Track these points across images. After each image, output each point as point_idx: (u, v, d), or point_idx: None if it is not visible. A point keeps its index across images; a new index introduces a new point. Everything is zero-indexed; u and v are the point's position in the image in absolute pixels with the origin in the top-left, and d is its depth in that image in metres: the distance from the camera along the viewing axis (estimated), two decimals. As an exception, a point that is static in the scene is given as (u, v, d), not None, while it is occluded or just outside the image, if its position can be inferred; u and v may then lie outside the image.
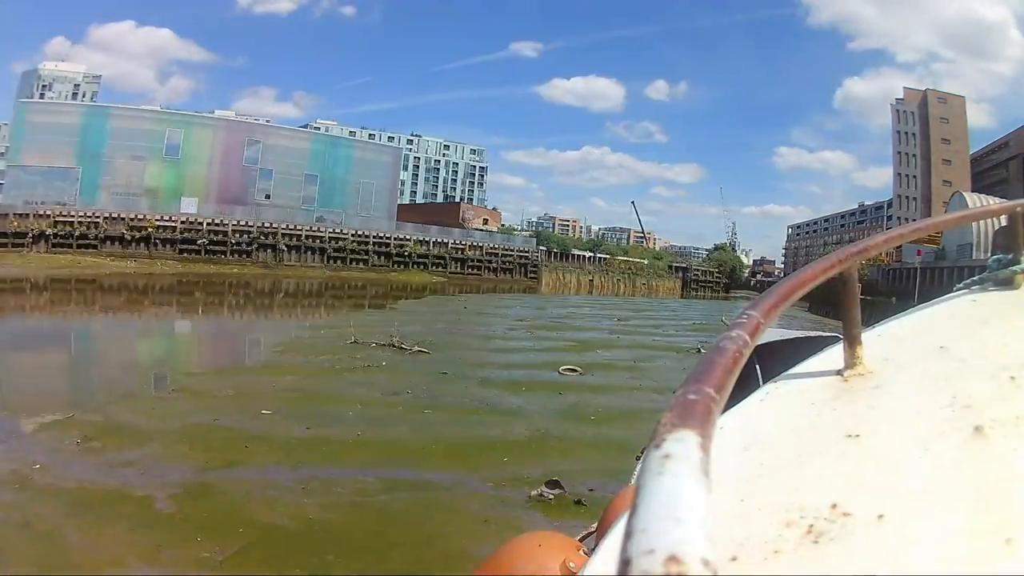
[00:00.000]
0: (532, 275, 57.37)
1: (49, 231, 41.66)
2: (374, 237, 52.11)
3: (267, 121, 63.73)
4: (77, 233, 42.33)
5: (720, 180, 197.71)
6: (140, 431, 6.54)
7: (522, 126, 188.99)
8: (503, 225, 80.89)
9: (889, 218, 65.95)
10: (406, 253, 52.33)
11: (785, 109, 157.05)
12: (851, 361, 0.83)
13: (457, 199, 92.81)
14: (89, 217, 43.58)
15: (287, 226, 49.06)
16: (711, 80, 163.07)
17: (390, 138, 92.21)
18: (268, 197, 55.44)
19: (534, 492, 5.25)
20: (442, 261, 53.72)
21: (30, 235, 40.78)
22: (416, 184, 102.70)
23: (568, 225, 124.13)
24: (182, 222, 45.94)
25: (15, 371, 10.35)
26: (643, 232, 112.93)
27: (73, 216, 43.30)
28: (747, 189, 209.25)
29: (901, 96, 66.70)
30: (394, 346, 12.62)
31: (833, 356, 0.89)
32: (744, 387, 0.72)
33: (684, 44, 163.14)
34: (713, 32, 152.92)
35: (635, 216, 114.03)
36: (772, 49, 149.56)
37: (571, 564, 0.89)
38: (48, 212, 42.77)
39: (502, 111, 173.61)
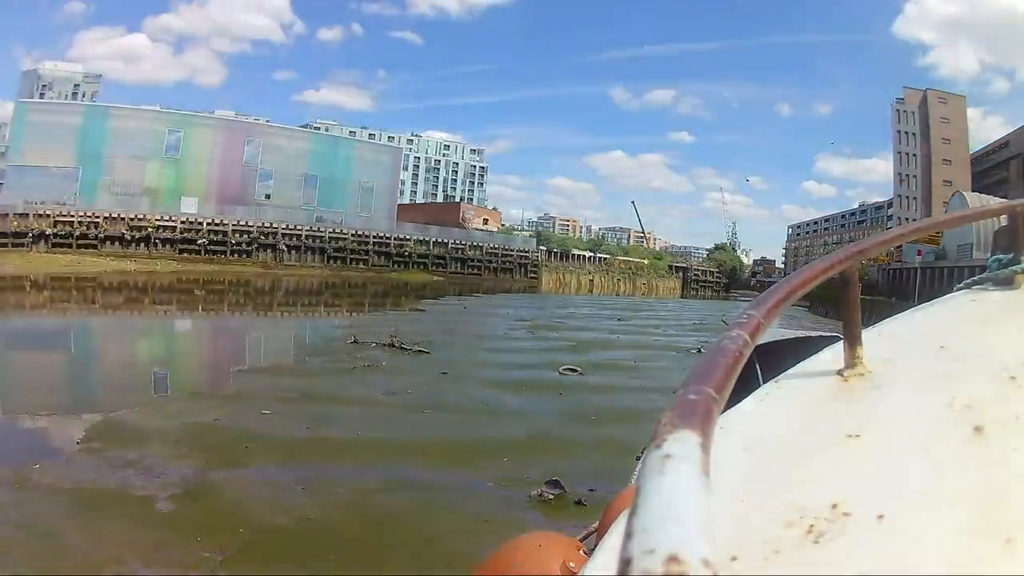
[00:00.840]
0: (532, 275, 57.36)
1: (49, 231, 41.66)
2: (374, 237, 52.11)
3: (267, 121, 63.67)
4: (77, 233, 42.34)
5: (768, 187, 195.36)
6: (140, 431, 6.53)
7: (600, 127, 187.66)
8: (503, 225, 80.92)
9: (889, 218, 65.92)
10: (406, 253, 52.33)
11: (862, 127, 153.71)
12: (851, 361, 0.83)
13: (457, 199, 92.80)
14: (89, 217, 43.60)
15: (287, 226, 49.08)
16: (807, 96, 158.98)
17: (390, 138, 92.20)
18: (268, 197, 55.42)
19: (534, 492, 5.25)
20: (442, 261, 53.73)
21: (30, 235, 40.80)
22: (416, 184, 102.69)
23: (568, 225, 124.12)
24: (182, 222, 45.97)
25: (13, 370, 10.34)
26: (643, 232, 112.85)
27: (73, 216, 43.31)
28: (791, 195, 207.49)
29: (902, 96, 66.71)
30: (394, 346, 12.61)
31: (833, 356, 0.89)
32: (744, 387, 0.72)
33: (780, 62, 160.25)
34: (812, 51, 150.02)
35: (635, 216, 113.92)
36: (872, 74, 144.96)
37: (571, 564, 0.89)
38: (48, 212, 42.77)
39: (581, 111, 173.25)
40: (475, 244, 57.29)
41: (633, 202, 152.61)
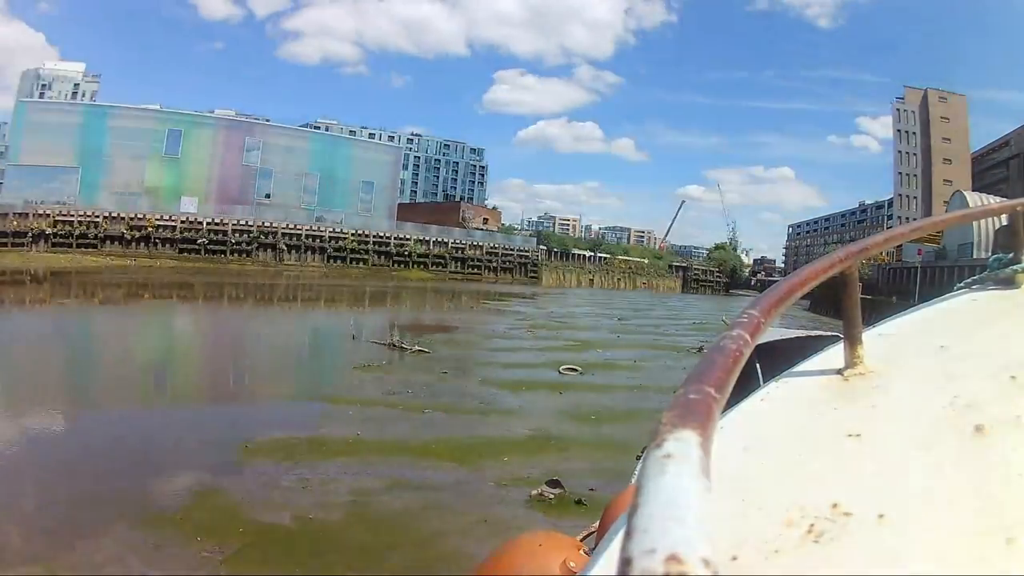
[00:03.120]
0: (532, 274, 57.38)
1: (49, 231, 41.67)
2: (374, 236, 52.11)
3: (267, 120, 63.64)
4: (77, 232, 42.35)
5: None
6: (139, 430, 6.54)
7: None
8: (503, 224, 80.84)
9: (889, 217, 65.93)
10: (406, 252, 52.33)
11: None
12: (852, 361, 0.83)
13: (457, 198, 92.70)
14: (89, 217, 43.60)
15: (287, 226, 49.08)
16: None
17: (390, 137, 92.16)
18: (268, 197, 55.43)
19: (534, 492, 5.25)
20: (442, 260, 53.72)
21: (30, 235, 40.81)
22: (416, 183, 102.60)
23: (568, 225, 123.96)
24: (182, 222, 45.96)
25: (10, 368, 10.33)
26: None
27: (73, 216, 43.31)
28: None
29: (902, 95, 66.65)
30: (394, 345, 12.62)
31: (834, 356, 0.89)
32: (744, 387, 0.72)
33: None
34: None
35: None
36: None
37: (571, 564, 0.89)
38: (48, 212, 42.78)
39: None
40: (475, 243, 57.27)
41: (684, 201, 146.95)
